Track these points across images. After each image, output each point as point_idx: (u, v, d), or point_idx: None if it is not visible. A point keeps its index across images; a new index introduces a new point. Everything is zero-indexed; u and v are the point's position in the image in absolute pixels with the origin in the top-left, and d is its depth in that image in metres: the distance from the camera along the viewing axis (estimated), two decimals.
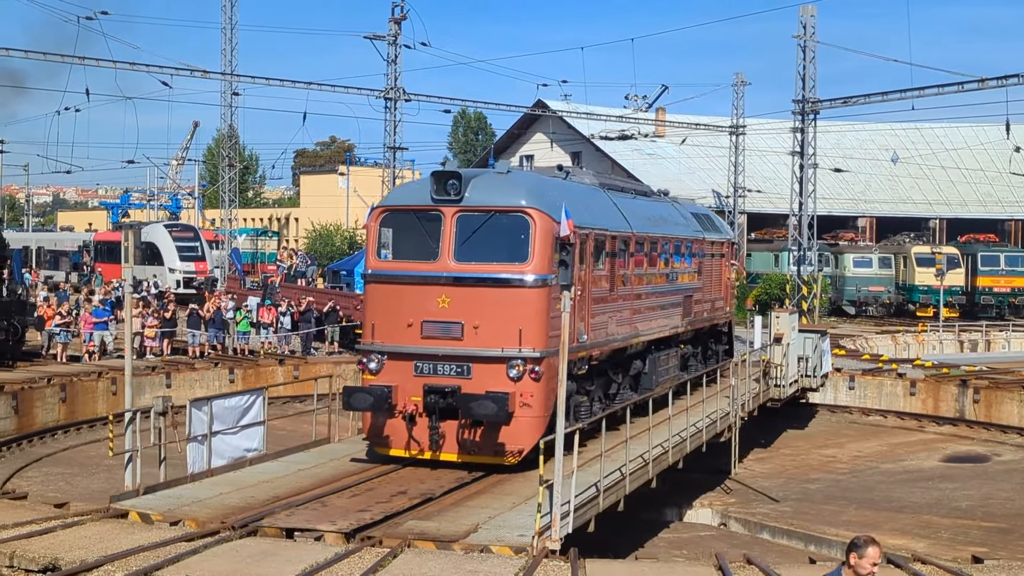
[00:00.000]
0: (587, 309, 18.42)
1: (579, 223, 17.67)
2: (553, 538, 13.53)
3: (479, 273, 16.80)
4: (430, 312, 16.96)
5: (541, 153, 73.62)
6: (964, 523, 21.87)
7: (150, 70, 40.66)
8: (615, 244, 20.02)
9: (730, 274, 29.58)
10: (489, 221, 17.07)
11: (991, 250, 57.19)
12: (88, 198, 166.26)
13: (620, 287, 20.33)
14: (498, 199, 17.14)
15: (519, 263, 16.84)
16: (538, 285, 16.80)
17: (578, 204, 18.60)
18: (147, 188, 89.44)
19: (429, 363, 17.03)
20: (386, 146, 46.44)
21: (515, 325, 16.66)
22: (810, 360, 30.00)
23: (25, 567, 12.19)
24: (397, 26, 45.27)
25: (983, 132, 76.77)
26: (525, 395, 16.61)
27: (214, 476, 17.15)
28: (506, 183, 17.55)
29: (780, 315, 29.43)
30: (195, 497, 15.82)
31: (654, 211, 24.06)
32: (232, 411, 18.28)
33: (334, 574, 12.00)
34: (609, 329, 19.69)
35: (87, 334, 33.91)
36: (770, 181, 66.74)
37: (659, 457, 18.79)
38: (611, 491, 16.35)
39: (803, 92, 48.01)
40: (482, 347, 16.73)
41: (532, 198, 17.09)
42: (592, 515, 15.49)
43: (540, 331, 16.78)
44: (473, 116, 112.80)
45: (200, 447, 17.31)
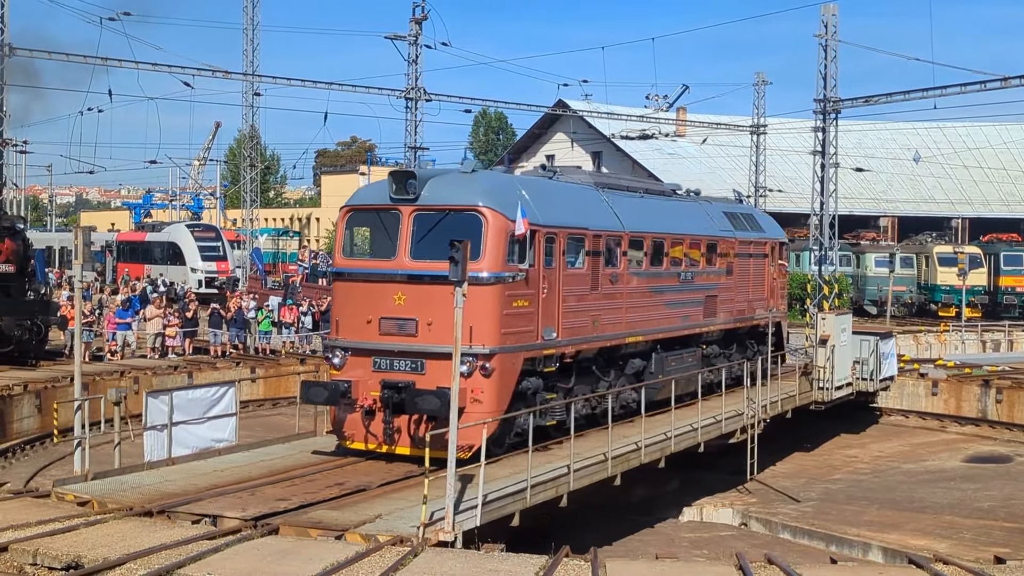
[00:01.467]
0: (557, 307, 18.66)
1: (548, 222, 18.26)
2: (447, 529, 13.75)
3: (432, 271, 17.09)
4: (387, 309, 17.47)
5: (562, 153, 73.47)
6: (986, 524, 21.76)
7: (172, 71, 40.70)
8: (599, 243, 20.12)
9: (776, 274, 28.84)
10: (444, 220, 17.58)
11: (1014, 250, 56.79)
12: (111, 198, 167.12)
13: (607, 285, 20.42)
14: (453, 198, 17.66)
15: (471, 261, 16.95)
16: (490, 283, 17.18)
17: (553, 203, 19.12)
18: (169, 188, 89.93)
19: (386, 359, 17.57)
20: (407, 146, 46.39)
21: (467, 322, 16.78)
22: (867, 363, 29.46)
23: (48, 565, 12.28)
24: (418, 26, 45.24)
25: (1006, 131, 76.40)
26: (476, 391, 17.03)
27: (175, 465, 17.81)
28: (462, 182, 18.02)
29: (827, 316, 28.89)
30: (136, 483, 16.51)
31: (664, 210, 23.89)
32: (198, 403, 18.91)
33: (355, 572, 12.05)
34: (590, 327, 19.79)
35: (110, 334, 34.10)
36: (791, 181, 66.48)
37: (627, 454, 18.98)
38: (545, 486, 16.54)
39: (824, 91, 47.74)
40: (434, 343, 17.05)
41: (486, 197, 17.51)
42: (516, 509, 15.71)
43: (492, 328, 17.15)
44: (494, 116, 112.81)
45: (159, 436, 17.98)
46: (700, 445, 21.89)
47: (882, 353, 30.24)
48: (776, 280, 28.85)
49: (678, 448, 20.77)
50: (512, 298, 17.43)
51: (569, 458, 17.13)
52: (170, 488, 16.26)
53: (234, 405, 19.56)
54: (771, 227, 29.37)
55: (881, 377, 30.49)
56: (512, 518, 15.66)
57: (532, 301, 17.93)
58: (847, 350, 28.96)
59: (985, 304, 54.50)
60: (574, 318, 19.19)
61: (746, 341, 27.42)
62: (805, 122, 55.53)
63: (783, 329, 29.42)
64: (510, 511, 15.61)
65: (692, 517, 23.30)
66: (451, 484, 14.09)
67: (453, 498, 14.10)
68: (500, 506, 15.36)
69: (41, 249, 46.89)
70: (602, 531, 20.43)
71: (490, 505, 15.01)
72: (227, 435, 19.38)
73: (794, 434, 29.42)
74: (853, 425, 31.61)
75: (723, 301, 25.53)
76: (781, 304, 29.56)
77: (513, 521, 15.72)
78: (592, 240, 19.86)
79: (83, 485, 16.27)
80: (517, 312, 17.56)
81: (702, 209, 25.82)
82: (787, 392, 26.82)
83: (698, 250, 24.48)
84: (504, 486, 15.84)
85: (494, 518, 15.12)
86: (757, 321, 27.66)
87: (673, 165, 68.26)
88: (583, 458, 17.85)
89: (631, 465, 19.15)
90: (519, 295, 17.63)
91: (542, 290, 18.12)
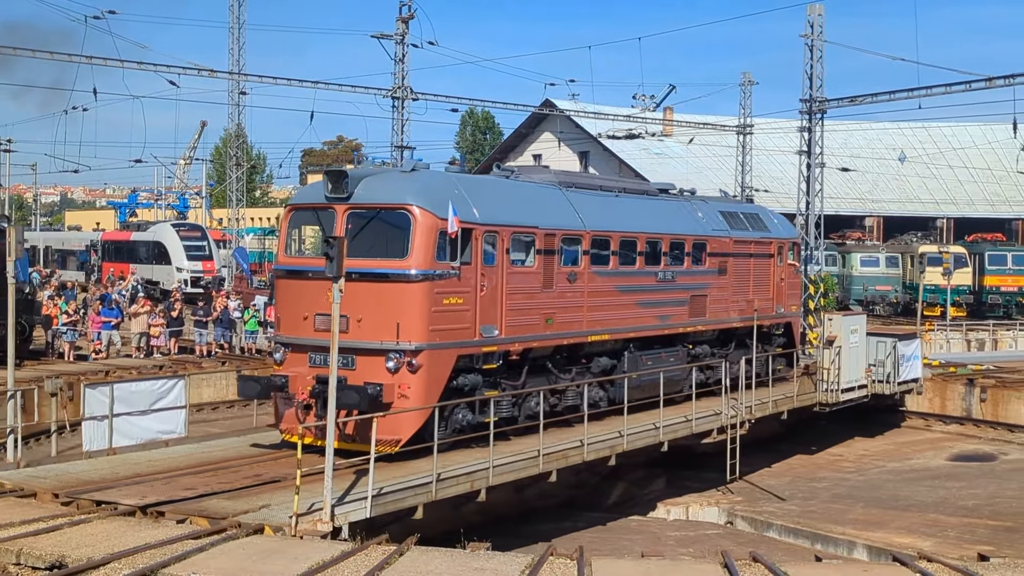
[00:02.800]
0: (500, 305, 18.82)
1: (489, 220, 18.50)
2: (324, 520, 14.05)
3: (362, 268, 17.37)
4: (322, 305, 17.50)
5: (549, 152, 73.55)
6: (971, 522, 21.86)
7: (158, 69, 40.56)
8: (553, 241, 20.22)
9: (785, 274, 28.41)
10: (376, 218, 17.94)
11: (998, 249, 57.02)
12: (96, 198, 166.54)
13: (564, 284, 20.49)
14: (384, 196, 17.99)
15: (400, 258, 17.56)
16: (417, 280, 17.44)
17: (497, 202, 19.38)
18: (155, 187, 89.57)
19: (320, 354, 17.77)
20: (393, 145, 46.33)
21: (394, 318, 17.36)
22: (884, 366, 28.98)
23: (32, 564, 12.23)
24: (405, 25, 45.18)
25: (990, 131, 76.66)
26: (403, 387, 17.31)
27: (116, 455, 18.25)
28: (394, 181, 18.37)
29: (834, 317, 28.51)
30: (62, 472, 17.01)
31: (641, 210, 23.75)
32: (143, 395, 19.20)
33: (340, 571, 12.03)
34: (541, 325, 19.93)
35: (95, 333, 33.97)
36: (777, 180, 66.60)
37: (566, 451, 19.19)
38: (458, 480, 16.85)
39: (810, 91, 47.87)
40: (364, 339, 17.44)
41: (416, 195, 17.78)
42: (419, 502, 16.02)
43: (419, 325, 17.42)
44: (481, 115, 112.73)
45: (100, 426, 18.29)
46: (664, 444, 21.81)
47: (902, 355, 29.68)
48: (785, 280, 28.43)
49: (632, 447, 20.79)
50: (443, 295, 17.70)
51: (490, 454, 17.41)
52: (92, 476, 16.66)
53: (183, 398, 19.81)
54: (779, 227, 28.99)
55: (902, 379, 29.86)
56: (415, 511, 15.98)
57: (467, 298, 18.17)
58: (858, 351, 28.41)
59: (970, 303, 54.72)
60: (521, 316, 19.37)
61: (747, 341, 26.95)
62: (791, 122, 55.65)
63: (795, 329, 29.07)
64: (411, 504, 15.94)
65: (678, 516, 23.37)
66: (328, 476, 14.35)
67: (331, 489, 14.33)
68: (399, 498, 15.73)
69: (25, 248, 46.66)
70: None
71: (386, 497, 15.39)
72: (176, 428, 19.66)
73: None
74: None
75: (715, 301, 25.34)
76: (792, 304, 29.07)
77: (416, 514, 16.01)
78: (544, 239, 19.99)
79: (8, 473, 16.80)
80: (449, 309, 17.80)
81: (690, 208, 25.61)
82: (785, 393, 26.56)
83: (682, 249, 24.38)
84: (407, 479, 16.19)
85: (390, 511, 15.52)
86: (760, 321, 27.24)
87: (660, 165, 68.33)
88: (519, 454, 18.22)
89: (571, 462, 19.35)
90: (451, 292, 17.87)
91: (480, 288, 18.36)
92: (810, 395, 27.61)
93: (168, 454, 18.65)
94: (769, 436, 28.74)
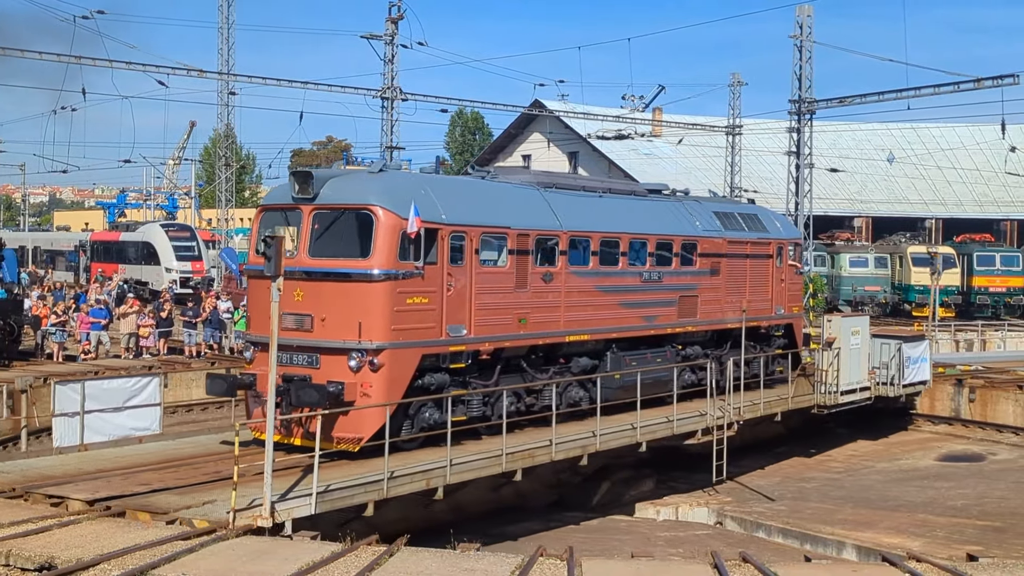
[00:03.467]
0: (469, 304, 18.97)
1: (456, 220, 18.67)
2: (264, 516, 14.21)
3: (326, 268, 17.84)
4: (288, 305, 17.72)
5: (539, 153, 73.65)
6: (959, 522, 21.92)
7: (147, 70, 40.56)
8: (527, 241, 20.32)
9: (785, 275, 28.01)
10: (340, 218, 18.15)
11: (987, 250, 57.19)
12: (85, 198, 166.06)
13: (539, 284, 20.60)
14: (348, 197, 18.18)
15: (363, 258, 17.75)
16: (379, 279, 17.60)
17: (467, 202, 19.55)
18: (144, 188, 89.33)
19: (286, 353, 17.81)
20: (383, 146, 46.38)
21: (357, 318, 17.54)
22: (887, 368, 28.56)
23: (21, 566, 12.18)
24: (394, 25, 45.24)
25: (979, 132, 76.95)
26: (364, 385, 17.47)
27: (87, 451, 18.51)
28: (359, 181, 18.58)
29: (833, 319, 28.11)
30: (27, 467, 17.32)
31: (626, 210, 23.67)
32: (116, 392, 19.54)
33: (330, 572, 12.03)
34: (514, 325, 20.04)
35: (83, 334, 33.89)
36: (767, 181, 66.77)
37: (533, 450, 19.32)
38: (414, 478, 16.99)
39: (799, 92, 48.05)
40: (328, 338, 17.68)
41: (379, 196, 17.96)
42: (370, 499, 16.19)
43: (381, 324, 17.58)
44: (470, 116, 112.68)
45: (70, 423, 18.63)
46: (642, 445, 21.77)
47: (908, 357, 29.35)
48: (786, 281, 28.11)
49: (605, 447, 20.85)
50: (406, 295, 17.86)
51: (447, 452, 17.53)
52: (56, 471, 16.85)
53: (158, 396, 20.07)
54: (780, 228, 28.68)
55: (908, 382, 29.44)
56: (365, 508, 16.13)
57: (433, 298, 18.32)
58: (859, 353, 27.97)
59: (958, 304, 54.88)
60: (491, 315, 19.48)
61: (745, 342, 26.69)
62: (780, 123, 55.85)
63: (797, 331, 28.72)
64: (360, 501, 16.06)
65: (668, 516, 23.39)
66: (268, 472, 14.46)
67: (271, 486, 14.49)
68: (348, 495, 15.88)
69: (13, 249, 46.54)
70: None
71: (334, 494, 15.56)
72: (150, 424, 19.92)
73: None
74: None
75: (707, 301, 25.20)
76: (794, 305, 28.76)
77: (367, 511, 16.16)
78: (516, 239, 20.09)
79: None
80: (413, 309, 17.95)
81: (680, 209, 25.43)
82: (780, 395, 26.34)
83: (669, 249, 24.30)
84: (359, 477, 16.37)
85: (338, 507, 15.72)
86: (757, 322, 27.13)
87: (649, 165, 68.43)
88: (482, 453, 18.43)
89: (538, 461, 19.44)
90: (415, 292, 18.02)
91: (447, 287, 18.50)
92: (807, 397, 27.36)
93: (139, 450, 18.81)
94: (771, 438, 28.72)
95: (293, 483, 15.68)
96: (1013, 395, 31.02)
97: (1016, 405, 30.73)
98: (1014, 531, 21.09)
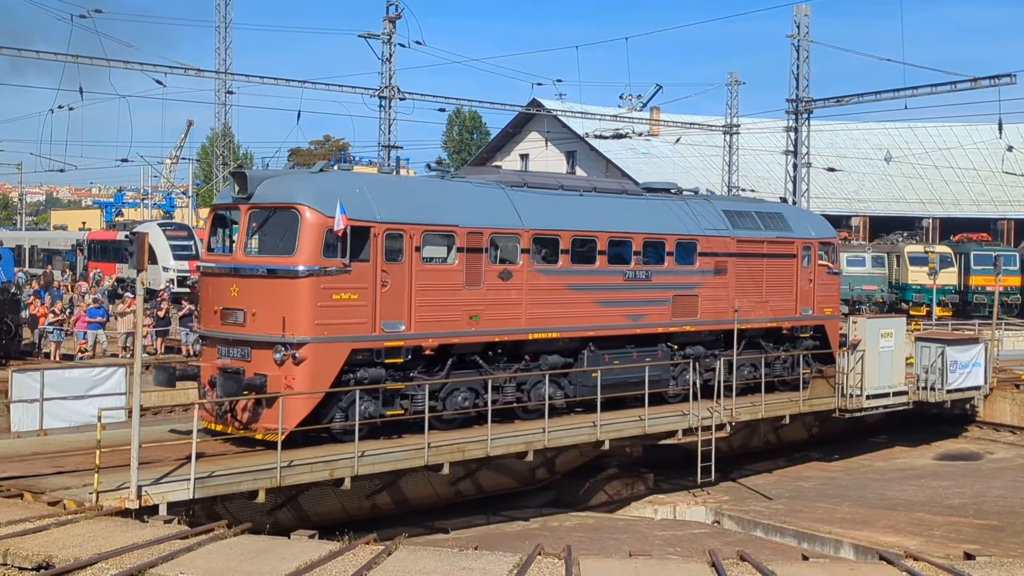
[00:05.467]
0: (408, 300, 19.44)
1: (393, 219, 19.29)
2: (131, 498, 15.05)
3: (255, 264, 18.76)
4: (226, 300, 19.01)
5: (536, 152, 73.64)
6: (956, 520, 21.95)
7: (144, 68, 40.53)
8: (480, 239, 20.64)
9: (815, 275, 27.26)
10: (272, 217, 18.92)
11: (984, 249, 57.17)
12: (82, 197, 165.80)
13: (494, 281, 20.87)
14: (278, 196, 18.96)
15: (288, 255, 18.43)
16: (303, 275, 18.27)
17: (407, 201, 20.04)
18: (141, 187, 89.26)
19: (224, 347, 19.04)
20: (381, 145, 46.35)
21: (282, 313, 18.29)
22: (929, 373, 27.58)
23: (18, 565, 12.18)
24: (392, 24, 45.21)
25: (976, 131, 76.97)
26: (288, 378, 18.15)
27: (47, 436, 19.50)
28: (289, 181, 19.37)
29: (858, 320, 27.20)
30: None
31: (606, 209, 23.50)
32: (77, 382, 20.28)
33: (328, 571, 12.02)
34: (464, 321, 20.38)
35: (80, 333, 33.86)
36: (764, 180, 66.75)
37: (464, 444, 19.64)
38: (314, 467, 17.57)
39: (797, 91, 48.08)
40: (257, 332, 18.49)
41: (305, 195, 18.66)
42: (261, 486, 16.76)
43: (304, 319, 18.28)
44: (468, 115, 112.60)
45: (29, 409, 19.49)
46: (604, 443, 21.74)
47: (954, 361, 28.31)
48: (815, 281, 27.43)
49: (556, 443, 21.00)
50: (331, 291, 18.47)
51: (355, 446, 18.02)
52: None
53: (123, 386, 20.59)
54: (807, 227, 28.05)
55: (953, 387, 28.36)
56: (256, 495, 16.74)
57: (363, 294, 18.82)
58: (892, 356, 26.97)
59: (955, 303, 54.89)
60: (435, 311, 19.88)
61: (762, 342, 26.43)
62: (778, 122, 55.87)
63: (830, 332, 27.78)
64: (249, 488, 16.69)
65: (666, 515, 23.41)
66: (135, 455, 15.21)
67: (136, 468, 15.27)
68: (236, 482, 16.56)
69: (10, 248, 46.51)
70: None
71: (219, 480, 16.37)
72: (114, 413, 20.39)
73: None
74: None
75: (711, 301, 24.82)
76: (827, 306, 27.89)
77: (258, 497, 16.66)
78: (467, 237, 20.46)
79: None
80: (339, 304, 18.58)
81: (678, 207, 25.07)
82: (790, 397, 25.89)
83: (661, 248, 24.10)
84: (256, 464, 17.10)
85: (222, 493, 16.44)
86: (778, 323, 26.58)
87: (647, 164, 68.39)
88: (404, 446, 19.05)
89: (469, 456, 19.77)
90: (342, 288, 18.60)
91: (381, 284, 19.03)
92: (826, 400, 26.53)
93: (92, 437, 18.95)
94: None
95: (171, 469, 16.46)
96: (1010, 394, 31.06)
97: (1013, 404, 30.75)
98: (1011, 530, 21.13)
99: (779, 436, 27.89)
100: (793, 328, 27.14)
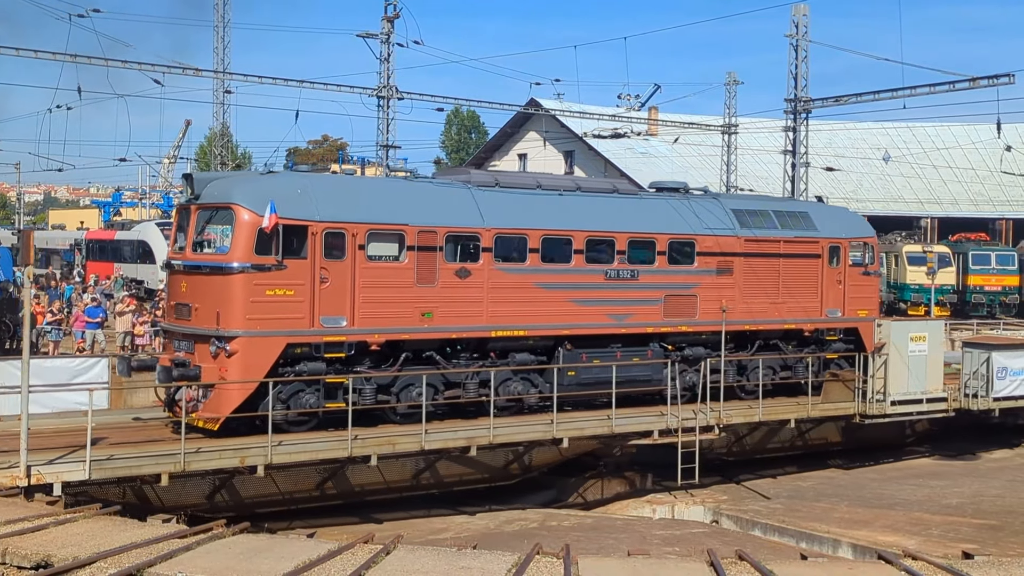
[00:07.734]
0: (351, 297, 20.06)
1: (333, 218, 19.97)
2: (20, 476, 15.99)
3: (200, 262, 19.87)
4: (176, 295, 20.34)
5: (535, 152, 73.61)
6: (954, 520, 21.96)
7: (142, 68, 40.45)
8: (433, 238, 21.04)
9: (844, 276, 26.60)
10: (214, 216, 19.99)
11: (982, 249, 57.24)
12: (80, 196, 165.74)
13: (449, 279, 21.20)
14: (218, 197, 20.06)
15: (224, 253, 19.42)
16: (235, 272, 19.21)
17: (352, 201, 20.59)
18: (139, 186, 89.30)
19: (176, 340, 20.30)
20: (379, 144, 46.30)
21: (217, 308, 19.28)
22: (970, 379, 26.53)
23: (17, 564, 12.19)
24: (390, 24, 45.12)
25: (974, 131, 76.95)
26: (222, 370, 19.03)
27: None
28: (229, 183, 20.53)
29: (883, 322, 26.35)
30: None
31: (586, 208, 23.40)
32: (59, 371, 20.82)
33: (327, 570, 12.03)
34: (416, 318, 20.83)
35: (78, 332, 33.85)
36: (762, 180, 66.76)
37: (393, 438, 20.00)
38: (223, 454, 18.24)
39: (795, 91, 48.07)
40: (199, 326, 19.59)
41: (241, 195, 19.67)
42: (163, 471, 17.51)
43: (237, 313, 19.18)
44: (466, 114, 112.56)
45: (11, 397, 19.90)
46: (563, 441, 21.67)
47: (1003, 367, 26.89)
48: (845, 282, 26.72)
49: (503, 440, 21.14)
50: (264, 287, 19.30)
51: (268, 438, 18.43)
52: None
53: (106, 375, 21.16)
54: (836, 226, 27.22)
55: (1000, 395, 26.91)
56: (159, 478, 17.59)
57: (300, 290, 19.53)
58: (926, 360, 25.94)
59: (954, 303, 54.92)
60: (382, 308, 20.42)
61: (778, 344, 25.98)
62: (776, 122, 55.81)
63: (864, 335, 26.71)
64: (151, 471, 17.57)
65: (664, 514, 23.41)
66: (24, 437, 16.11)
67: (27, 450, 16.20)
68: (136, 465, 17.46)
69: (8, 248, 46.46)
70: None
71: (118, 463, 17.25)
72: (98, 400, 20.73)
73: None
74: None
75: (712, 301, 24.42)
76: (860, 308, 27.04)
77: (161, 481, 17.59)
78: (418, 236, 20.92)
79: None
80: (273, 300, 19.37)
81: (675, 206, 24.74)
82: (797, 401, 25.35)
83: (651, 247, 23.92)
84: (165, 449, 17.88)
85: (120, 475, 17.34)
86: (798, 325, 25.98)
87: (645, 164, 68.37)
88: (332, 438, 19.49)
89: (400, 450, 20.06)
90: (276, 284, 19.39)
91: (320, 280, 19.69)
92: (842, 405, 25.74)
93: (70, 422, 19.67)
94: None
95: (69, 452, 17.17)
96: None
97: None
98: (1009, 529, 21.15)
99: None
100: (817, 330, 26.46)
